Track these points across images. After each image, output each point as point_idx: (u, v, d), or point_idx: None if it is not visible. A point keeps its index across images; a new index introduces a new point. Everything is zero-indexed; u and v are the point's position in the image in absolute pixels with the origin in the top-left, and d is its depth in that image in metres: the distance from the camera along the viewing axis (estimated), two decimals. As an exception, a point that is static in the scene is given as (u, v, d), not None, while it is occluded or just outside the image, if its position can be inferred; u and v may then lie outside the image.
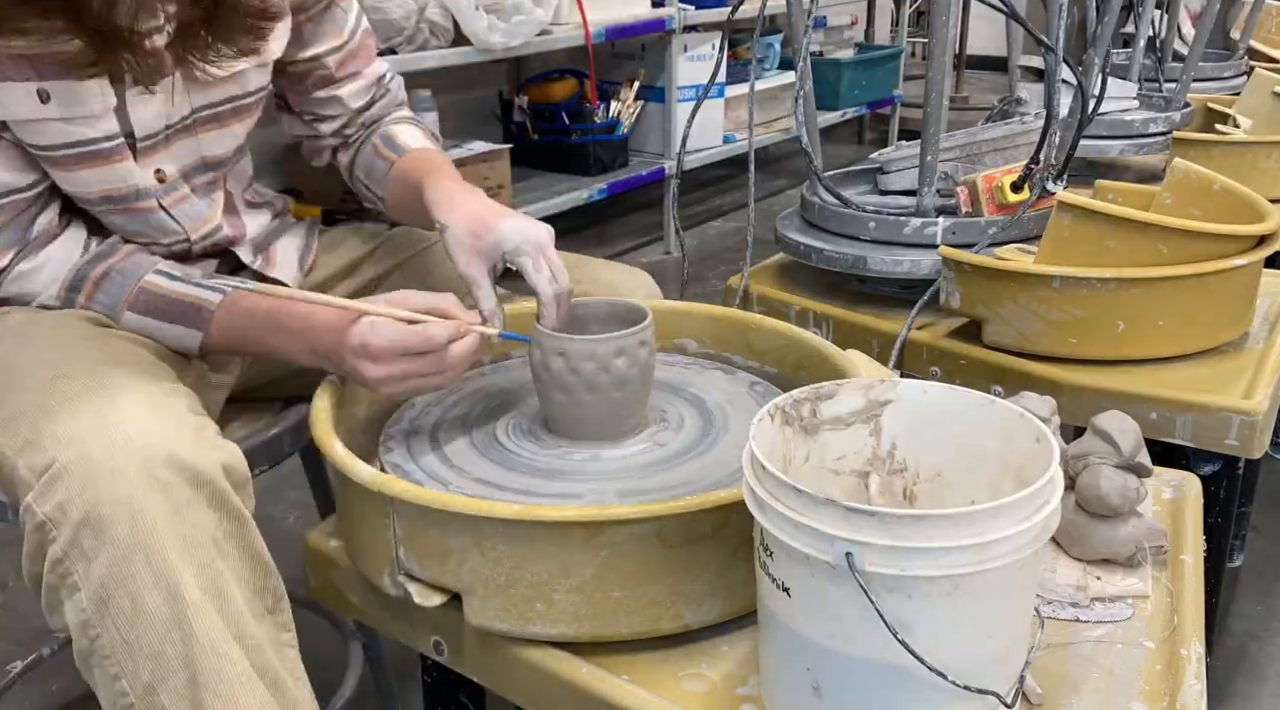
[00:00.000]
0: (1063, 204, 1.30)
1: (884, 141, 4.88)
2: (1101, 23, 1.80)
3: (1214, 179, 1.40)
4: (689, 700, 0.83)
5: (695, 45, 3.49)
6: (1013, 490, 0.74)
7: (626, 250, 3.60)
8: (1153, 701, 0.83)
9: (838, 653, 0.73)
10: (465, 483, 0.97)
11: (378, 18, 2.54)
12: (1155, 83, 2.33)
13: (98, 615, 0.83)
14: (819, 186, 1.57)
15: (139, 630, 0.82)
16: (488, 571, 0.86)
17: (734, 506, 0.82)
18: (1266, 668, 1.60)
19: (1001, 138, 1.59)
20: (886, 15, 5.58)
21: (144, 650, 0.83)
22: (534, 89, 3.38)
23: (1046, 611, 0.92)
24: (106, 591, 0.82)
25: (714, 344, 1.23)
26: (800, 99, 1.54)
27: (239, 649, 0.85)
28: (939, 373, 1.37)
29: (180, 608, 0.82)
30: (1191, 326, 1.30)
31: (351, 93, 1.25)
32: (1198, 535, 1.04)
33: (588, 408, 1.02)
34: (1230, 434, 1.21)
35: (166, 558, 0.82)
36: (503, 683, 0.92)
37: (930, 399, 0.86)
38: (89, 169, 1.03)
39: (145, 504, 0.82)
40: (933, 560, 0.68)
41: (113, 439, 0.84)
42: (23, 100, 0.97)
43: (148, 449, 0.84)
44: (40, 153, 1.02)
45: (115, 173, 1.05)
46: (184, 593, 0.82)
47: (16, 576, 1.81)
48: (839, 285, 1.55)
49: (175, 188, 1.11)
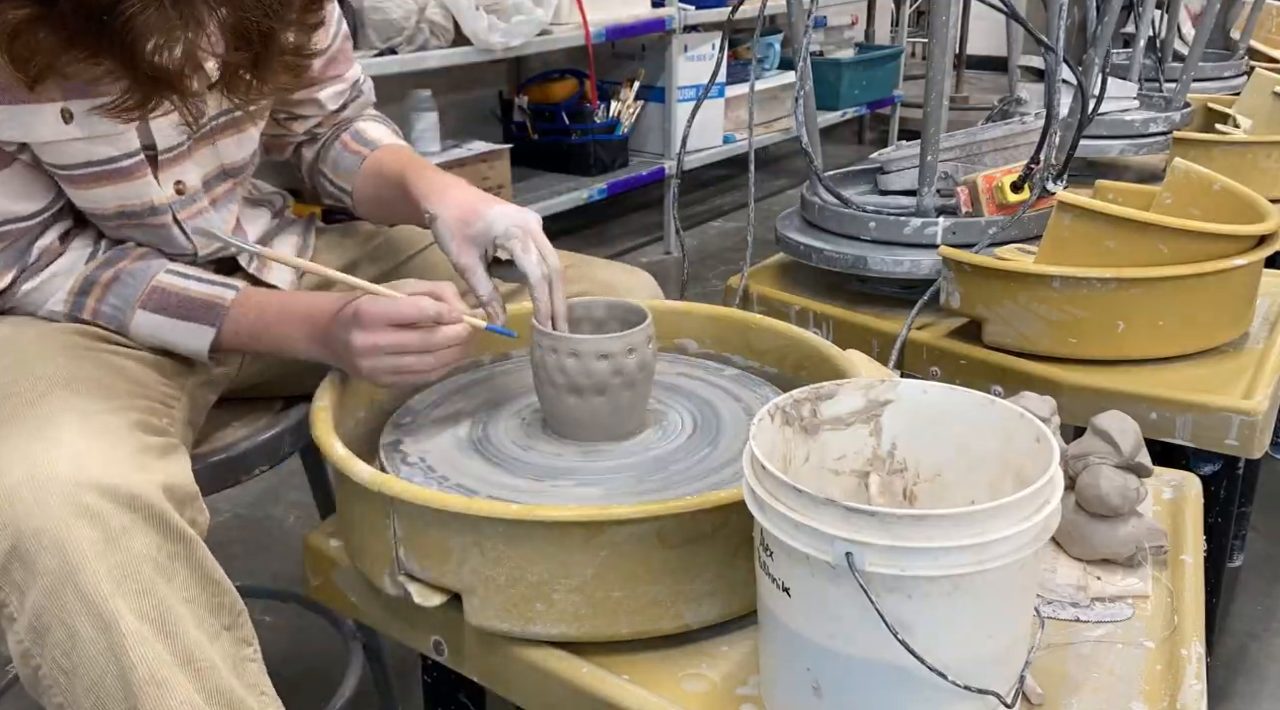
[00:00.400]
0: (1063, 204, 1.30)
1: (884, 141, 4.88)
2: (1101, 23, 1.80)
3: (1214, 179, 1.40)
4: (689, 700, 0.83)
5: (695, 45, 3.49)
6: (1013, 490, 0.74)
7: (626, 250, 3.60)
8: (1153, 701, 0.83)
9: (838, 653, 0.73)
10: (466, 483, 0.97)
11: (378, 18, 2.54)
12: (1155, 83, 2.33)
13: (36, 646, 0.82)
14: (819, 186, 1.57)
15: (75, 661, 0.81)
16: (488, 571, 0.86)
17: (734, 506, 0.82)
18: (1266, 668, 1.60)
19: (1001, 138, 1.59)
20: (886, 15, 5.58)
21: (84, 681, 0.81)
22: (534, 89, 3.38)
23: (1046, 611, 0.92)
24: (42, 623, 0.81)
25: (714, 344, 1.23)
26: (800, 99, 1.54)
27: (184, 675, 0.83)
28: (939, 373, 1.37)
29: (115, 638, 0.80)
30: (1191, 326, 1.30)
31: (329, 95, 1.25)
32: (1198, 535, 1.04)
33: (593, 408, 1.02)
34: (1230, 434, 1.21)
35: (99, 588, 0.80)
36: (503, 683, 0.92)
37: (930, 399, 0.86)
38: (107, 186, 1.03)
39: (72, 534, 0.80)
40: (933, 560, 0.68)
41: (36, 469, 0.82)
42: (49, 122, 0.97)
43: (76, 476, 0.82)
44: (59, 171, 1.01)
45: (133, 188, 1.04)
46: (118, 623, 0.80)
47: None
48: (839, 285, 1.55)
49: (195, 200, 1.11)
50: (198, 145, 1.10)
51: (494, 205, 1.07)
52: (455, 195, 1.09)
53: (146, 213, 1.07)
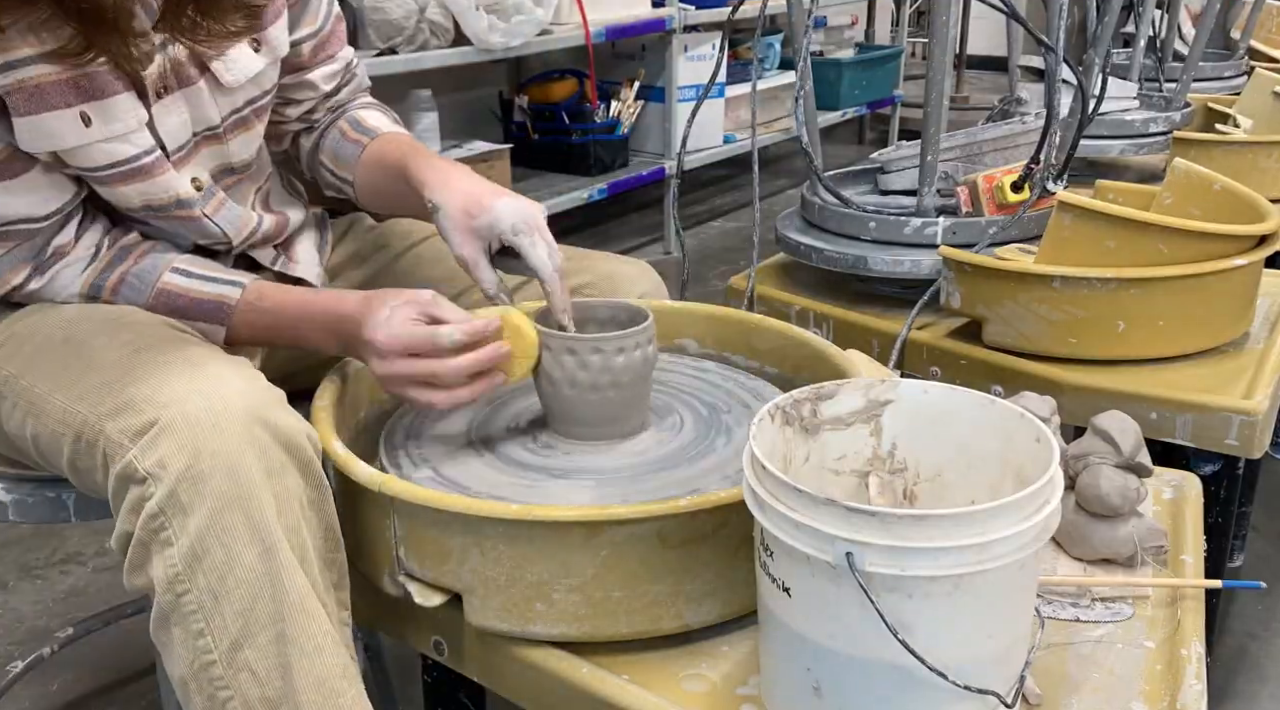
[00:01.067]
0: (1063, 204, 1.30)
1: (884, 141, 4.88)
2: (1102, 23, 1.80)
3: (1214, 179, 1.40)
4: (689, 700, 0.83)
5: (695, 45, 3.49)
6: (1013, 490, 0.74)
7: (627, 250, 3.60)
8: (1153, 701, 0.83)
9: (838, 653, 0.73)
10: (465, 482, 0.97)
11: (378, 18, 2.54)
12: (1155, 83, 2.33)
13: (189, 570, 0.83)
14: (819, 186, 1.57)
15: (230, 585, 0.83)
16: (488, 571, 0.86)
17: (734, 506, 0.82)
18: (1267, 668, 1.60)
19: (1002, 138, 1.59)
20: (886, 15, 5.58)
21: (233, 605, 0.83)
22: (534, 89, 3.38)
23: (1046, 611, 0.92)
24: (202, 545, 0.82)
25: (714, 344, 1.23)
26: (800, 99, 1.54)
27: (323, 611, 0.86)
28: (939, 373, 1.37)
29: (274, 564, 0.83)
30: (1191, 326, 1.30)
31: (322, 76, 1.24)
32: (1198, 535, 1.04)
33: (596, 407, 1.02)
34: (1230, 434, 1.21)
35: (264, 514, 0.83)
36: (503, 683, 0.92)
37: (930, 399, 0.86)
38: (134, 184, 1.04)
39: (244, 460, 0.83)
40: (933, 560, 0.68)
41: (211, 398, 0.85)
42: (70, 127, 0.97)
43: (245, 409, 0.85)
44: (88, 173, 1.02)
45: (157, 185, 1.05)
46: (279, 549, 0.83)
47: (17, 577, 1.82)
48: (839, 285, 1.55)
49: (213, 194, 1.11)
50: (205, 143, 1.10)
51: (500, 197, 1.06)
52: (458, 184, 1.08)
53: (174, 206, 1.07)
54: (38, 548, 1.91)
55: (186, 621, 0.84)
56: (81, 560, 1.88)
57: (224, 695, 0.84)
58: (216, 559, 0.83)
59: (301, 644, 0.84)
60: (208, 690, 0.84)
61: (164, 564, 0.84)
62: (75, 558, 1.88)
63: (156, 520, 0.83)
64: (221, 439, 0.83)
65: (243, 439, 0.84)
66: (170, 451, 0.83)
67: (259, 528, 0.83)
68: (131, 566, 0.86)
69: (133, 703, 1.56)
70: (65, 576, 1.83)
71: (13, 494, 1.07)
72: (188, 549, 0.83)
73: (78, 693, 1.58)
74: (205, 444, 0.83)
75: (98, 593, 1.79)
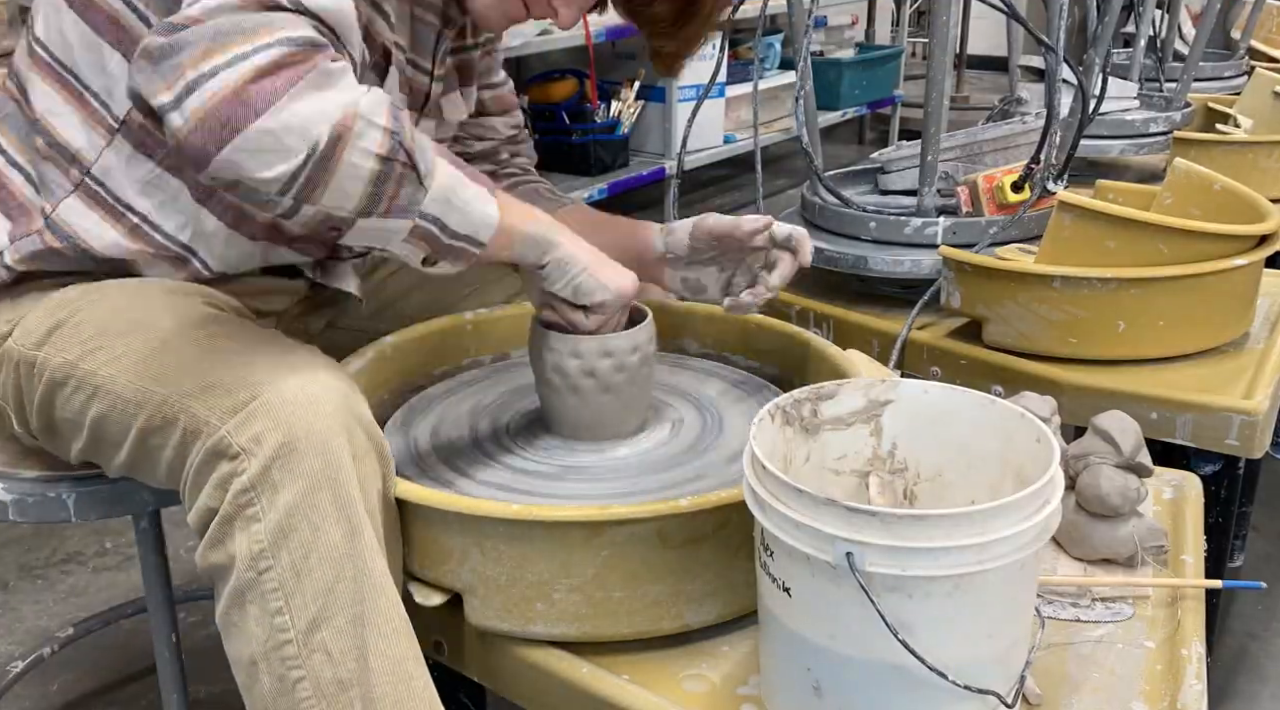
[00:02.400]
0: (1063, 204, 1.30)
1: (884, 141, 4.88)
2: (1102, 23, 1.80)
3: (1214, 179, 1.40)
4: (689, 700, 0.83)
5: (695, 45, 3.49)
6: (1013, 490, 0.74)
7: (627, 250, 3.59)
8: (1153, 701, 0.83)
9: (838, 653, 0.73)
10: (466, 483, 0.97)
11: (378, 18, 2.54)
12: (1156, 82, 2.33)
13: (274, 546, 0.83)
14: (819, 186, 1.57)
15: (313, 563, 0.83)
16: (488, 571, 0.86)
17: (734, 506, 0.82)
18: (1267, 668, 1.60)
19: (1002, 138, 1.59)
20: (887, 15, 5.58)
21: (315, 584, 0.83)
22: (534, 89, 3.37)
23: (1046, 611, 0.92)
24: (290, 522, 0.83)
25: (714, 344, 1.23)
26: (800, 99, 1.54)
27: (398, 595, 0.86)
28: (939, 373, 1.37)
29: (358, 545, 0.84)
30: (1192, 326, 1.30)
31: (502, 123, 1.32)
32: (1198, 535, 1.04)
33: (594, 407, 1.02)
34: (1230, 434, 1.21)
35: (353, 495, 0.84)
36: (503, 683, 0.92)
37: (931, 399, 0.86)
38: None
39: (336, 441, 0.85)
40: (933, 560, 0.68)
41: (304, 379, 0.87)
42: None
43: (337, 397, 0.87)
44: None
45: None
46: (365, 530, 0.84)
47: (17, 576, 1.82)
48: (839, 285, 1.55)
49: None
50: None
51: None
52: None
53: None
54: (38, 548, 1.91)
55: (265, 599, 0.84)
56: (81, 560, 1.88)
57: (295, 675, 0.83)
58: (303, 536, 0.83)
59: (380, 626, 0.84)
60: (278, 670, 0.84)
61: (249, 540, 0.84)
62: (75, 558, 1.88)
63: (246, 495, 0.84)
64: (316, 418, 0.85)
65: (335, 420, 0.85)
66: (266, 428, 0.84)
67: (346, 508, 0.84)
68: (211, 542, 0.86)
69: (133, 703, 1.56)
70: (65, 576, 1.83)
71: (13, 494, 1.07)
72: (275, 525, 0.83)
73: (78, 693, 1.58)
74: (300, 422, 0.84)
75: (98, 593, 1.79)
